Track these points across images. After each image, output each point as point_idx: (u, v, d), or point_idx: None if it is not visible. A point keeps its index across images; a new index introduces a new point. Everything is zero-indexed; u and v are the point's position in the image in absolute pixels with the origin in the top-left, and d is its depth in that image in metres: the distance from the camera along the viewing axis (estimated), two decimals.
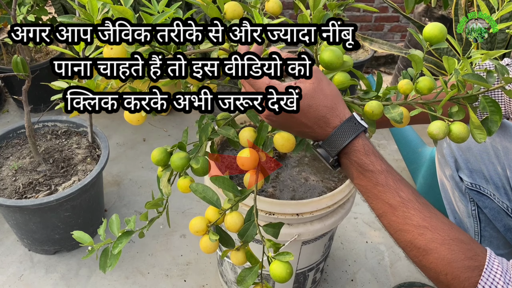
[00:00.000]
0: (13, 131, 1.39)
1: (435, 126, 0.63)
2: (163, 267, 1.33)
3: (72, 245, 1.35)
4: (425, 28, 0.68)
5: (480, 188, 0.91)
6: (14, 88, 1.88)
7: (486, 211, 0.92)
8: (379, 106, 0.64)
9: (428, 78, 0.67)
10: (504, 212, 0.88)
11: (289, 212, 0.88)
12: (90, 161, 1.33)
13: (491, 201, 0.90)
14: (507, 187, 0.86)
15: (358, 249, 1.41)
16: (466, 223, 1.00)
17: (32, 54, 1.88)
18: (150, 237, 1.42)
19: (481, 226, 0.97)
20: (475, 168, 0.90)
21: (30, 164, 1.29)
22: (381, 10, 2.57)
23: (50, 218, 1.23)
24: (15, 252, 1.35)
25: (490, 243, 0.99)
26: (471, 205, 0.96)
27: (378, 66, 2.48)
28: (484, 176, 0.89)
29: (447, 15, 1.83)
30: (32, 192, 1.22)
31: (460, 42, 1.57)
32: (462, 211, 0.99)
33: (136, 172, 1.67)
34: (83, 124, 1.41)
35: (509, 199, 0.86)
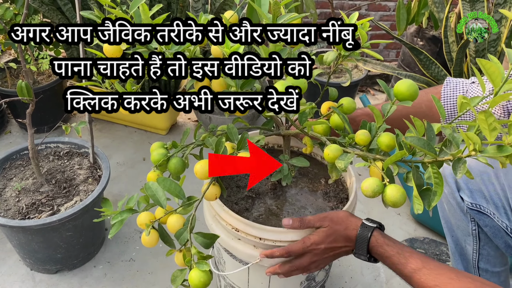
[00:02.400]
0: (16, 152, 1.42)
1: (367, 182, 0.66)
2: (163, 285, 1.35)
3: (74, 264, 1.37)
4: (397, 84, 0.71)
5: (480, 208, 0.93)
6: (17, 110, 1.92)
7: (486, 229, 0.94)
8: (337, 151, 0.69)
9: (390, 136, 0.68)
10: (504, 231, 0.90)
11: (252, 233, 0.86)
12: (92, 182, 1.36)
13: (491, 220, 0.92)
14: (506, 207, 0.89)
15: (354, 266, 1.44)
16: (465, 241, 1.02)
17: (35, 76, 1.93)
18: (150, 256, 1.44)
19: (480, 244, 1.00)
20: (475, 188, 0.92)
21: (33, 185, 1.33)
22: (376, 28, 2.63)
23: (53, 238, 1.26)
24: (17, 272, 1.38)
25: (487, 261, 1.01)
26: (472, 225, 0.98)
27: (373, 85, 2.53)
28: (484, 196, 0.91)
29: (438, 36, 1.89)
30: (35, 212, 1.25)
31: (450, 63, 1.62)
32: (462, 229, 1.01)
33: (137, 191, 1.69)
34: (85, 145, 1.45)
35: (509, 219, 0.89)
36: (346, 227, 0.80)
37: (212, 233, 0.74)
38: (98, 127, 2.03)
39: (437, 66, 1.62)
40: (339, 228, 0.81)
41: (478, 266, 1.02)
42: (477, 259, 1.01)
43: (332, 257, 0.84)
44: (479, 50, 1.47)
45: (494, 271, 1.02)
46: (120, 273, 1.38)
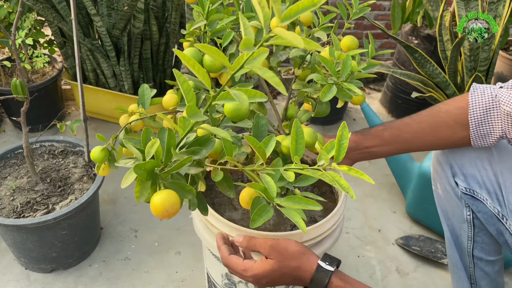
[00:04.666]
0: (11, 151, 1.42)
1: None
2: (159, 284, 1.35)
3: (69, 263, 1.37)
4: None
5: (474, 193, 0.94)
6: (11, 108, 1.91)
7: (479, 215, 0.95)
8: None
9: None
10: (496, 216, 0.91)
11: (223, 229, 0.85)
12: (87, 180, 1.36)
13: (484, 206, 0.93)
14: (498, 193, 0.89)
15: (350, 264, 1.44)
16: (460, 228, 1.03)
17: (29, 75, 1.92)
18: (145, 255, 1.44)
19: (475, 231, 1.00)
20: (469, 173, 0.93)
21: (28, 184, 1.32)
22: (371, 28, 2.64)
23: (47, 236, 1.25)
24: (12, 271, 1.37)
25: (482, 249, 1.02)
26: (466, 211, 0.98)
27: (368, 83, 2.54)
28: (478, 181, 0.92)
29: (433, 34, 1.89)
30: (30, 211, 1.24)
31: (445, 61, 1.63)
32: (457, 216, 1.02)
33: (131, 191, 1.69)
34: (80, 144, 1.44)
35: (500, 204, 0.90)
36: (297, 266, 0.70)
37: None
38: (93, 125, 2.03)
39: (432, 65, 1.62)
40: (288, 265, 0.70)
41: (473, 254, 1.02)
42: (472, 246, 1.02)
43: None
44: (474, 48, 1.48)
45: (489, 260, 1.03)
46: (115, 272, 1.38)
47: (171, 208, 0.55)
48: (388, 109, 2.30)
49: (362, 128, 0.98)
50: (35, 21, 1.73)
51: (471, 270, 1.05)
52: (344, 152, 0.58)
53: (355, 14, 0.84)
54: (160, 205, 0.55)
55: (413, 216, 1.61)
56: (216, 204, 0.99)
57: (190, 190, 0.60)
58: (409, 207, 1.60)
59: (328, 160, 0.58)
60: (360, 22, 2.60)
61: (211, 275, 1.08)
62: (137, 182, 0.58)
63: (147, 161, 0.55)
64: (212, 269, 1.05)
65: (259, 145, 0.58)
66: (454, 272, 1.09)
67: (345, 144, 0.58)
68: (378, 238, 1.56)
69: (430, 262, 1.47)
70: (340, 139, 0.58)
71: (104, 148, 0.77)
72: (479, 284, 1.05)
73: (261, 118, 0.69)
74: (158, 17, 1.83)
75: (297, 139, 0.59)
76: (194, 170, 0.61)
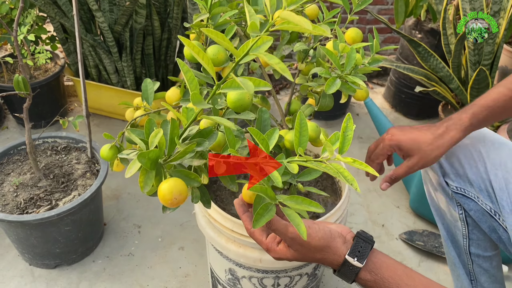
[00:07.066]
0: (14, 147, 1.42)
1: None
2: (162, 279, 1.35)
3: (73, 259, 1.37)
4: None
5: (465, 191, 0.93)
6: (14, 105, 1.91)
7: (471, 213, 0.95)
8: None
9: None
10: (488, 213, 0.91)
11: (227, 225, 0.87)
12: (90, 176, 1.36)
13: (475, 204, 0.92)
14: (489, 190, 0.89)
15: None
16: (455, 227, 1.02)
17: (32, 71, 1.92)
18: (149, 250, 1.44)
19: (469, 229, 1.00)
20: (459, 172, 0.93)
21: (31, 180, 1.32)
22: (374, 22, 2.62)
23: (51, 232, 1.25)
24: (16, 267, 1.37)
25: (478, 245, 1.02)
26: (458, 209, 0.98)
27: (371, 78, 2.53)
28: (468, 179, 0.92)
29: (437, 28, 1.88)
30: (33, 207, 1.24)
31: (449, 55, 1.62)
32: (450, 216, 1.02)
33: (135, 186, 1.69)
34: (83, 140, 1.44)
35: (492, 201, 0.89)
36: (323, 258, 0.67)
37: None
38: (96, 121, 2.03)
39: (435, 59, 1.61)
40: (313, 257, 0.68)
41: (470, 252, 1.02)
42: (468, 244, 1.02)
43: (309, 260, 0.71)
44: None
45: (486, 256, 1.02)
46: (119, 268, 1.38)
47: (179, 195, 0.55)
48: (391, 103, 2.29)
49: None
50: (37, 17, 1.73)
51: (470, 267, 1.04)
52: (349, 144, 0.57)
53: (357, 6, 0.83)
54: (168, 193, 0.55)
55: (417, 211, 1.61)
56: (219, 199, 0.99)
57: (195, 178, 0.60)
58: (413, 202, 1.60)
59: (332, 152, 0.57)
60: (363, 17, 2.59)
61: (215, 271, 1.08)
62: (141, 172, 0.58)
63: (151, 149, 0.55)
64: (215, 264, 1.05)
65: (263, 137, 0.57)
66: (453, 270, 1.09)
67: (349, 136, 0.57)
68: (381, 233, 1.55)
69: (433, 257, 1.47)
70: (345, 131, 0.57)
71: (113, 145, 0.78)
72: (478, 280, 1.05)
73: (264, 112, 0.69)
74: (160, 12, 1.83)
75: (301, 131, 0.59)
76: (197, 162, 0.61)
